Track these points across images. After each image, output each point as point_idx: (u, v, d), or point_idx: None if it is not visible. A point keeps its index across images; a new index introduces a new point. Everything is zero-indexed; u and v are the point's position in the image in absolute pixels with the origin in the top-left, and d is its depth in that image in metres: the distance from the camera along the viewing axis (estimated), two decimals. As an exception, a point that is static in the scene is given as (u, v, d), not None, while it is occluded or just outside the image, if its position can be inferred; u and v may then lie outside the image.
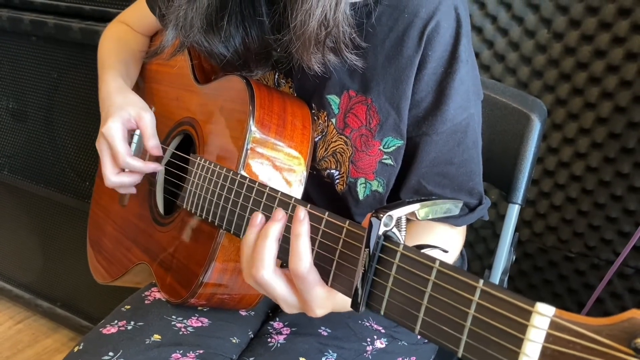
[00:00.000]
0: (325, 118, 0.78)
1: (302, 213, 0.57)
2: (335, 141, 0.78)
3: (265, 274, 0.58)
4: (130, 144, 0.89)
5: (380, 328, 0.86)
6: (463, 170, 0.77)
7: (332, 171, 0.79)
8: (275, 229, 0.59)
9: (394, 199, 0.79)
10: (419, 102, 0.73)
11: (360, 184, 0.78)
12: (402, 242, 0.51)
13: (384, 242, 0.50)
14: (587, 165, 1.24)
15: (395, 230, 0.51)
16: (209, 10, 0.70)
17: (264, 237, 0.59)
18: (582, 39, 1.18)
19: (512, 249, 0.98)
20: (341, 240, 0.55)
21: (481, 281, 0.43)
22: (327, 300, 0.57)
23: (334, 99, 0.77)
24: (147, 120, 0.86)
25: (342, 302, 0.58)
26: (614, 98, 1.17)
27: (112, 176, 0.85)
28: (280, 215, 0.59)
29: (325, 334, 0.82)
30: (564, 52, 1.20)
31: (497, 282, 0.96)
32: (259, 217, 0.61)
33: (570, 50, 1.20)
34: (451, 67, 0.71)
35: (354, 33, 0.69)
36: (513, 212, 0.96)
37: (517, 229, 0.98)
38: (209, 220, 0.74)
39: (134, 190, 0.91)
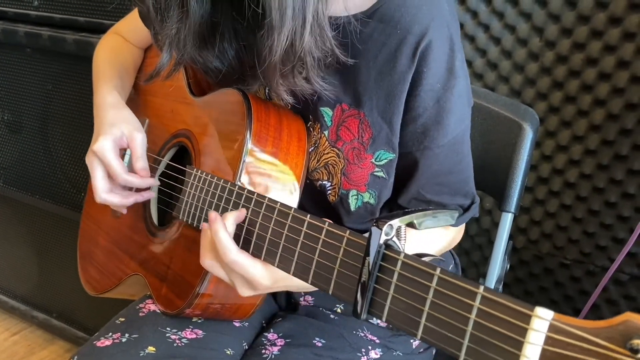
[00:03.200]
0: (319, 130, 0.79)
1: (212, 215, 0.66)
2: (327, 153, 0.79)
3: (233, 255, 0.65)
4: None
5: (375, 338, 0.86)
6: (460, 177, 0.80)
7: (324, 182, 0.80)
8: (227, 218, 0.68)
9: (390, 205, 0.80)
10: (416, 117, 0.74)
11: (352, 196, 0.78)
12: (402, 250, 0.52)
13: (385, 251, 0.52)
14: (580, 172, 1.24)
15: (395, 239, 0.53)
16: (201, 28, 0.70)
17: (214, 225, 0.67)
18: (574, 47, 1.18)
19: (506, 257, 0.98)
20: (342, 249, 0.56)
21: (481, 287, 0.44)
22: (267, 273, 0.66)
23: (327, 112, 0.78)
24: (139, 141, 0.86)
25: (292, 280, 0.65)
26: (607, 105, 1.18)
27: (103, 193, 0.85)
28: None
29: (320, 344, 0.82)
30: (556, 60, 1.21)
31: (491, 290, 0.96)
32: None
33: (563, 59, 1.20)
34: (449, 82, 0.72)
35: (331, 56, 0.70)
36: (506, 221, 0.96)
37: (512, 237, 0.98)
38: None
39: (124, 211, 0.91)
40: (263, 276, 0.66)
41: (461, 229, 0.86)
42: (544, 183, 1.29)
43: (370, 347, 0.84)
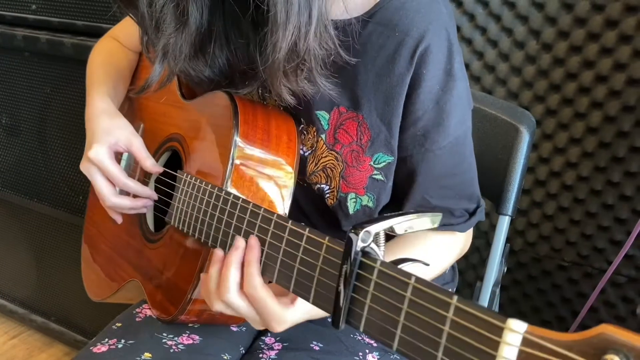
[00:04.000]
0: (315, 133, 0.79)
1: (250, 241, 0.63)
2: (325, 156, 0.79)
3: (230, 297, 0.63)
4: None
5: (373, 342, 0.86)
6: (464, 179, 0.79)
7: (322, 186, 0.80)
8: (235, 257, 0.63)
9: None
10: (416, 120, 0.74)
11: (351, 199, 0.78)
12: (380, 258, 0.51)
13: (362, 259, 0.50)
14: (578, 175, 1.24)
15: (373, 245, 0.51)
16: (198, 38, 0.69)
17: (227, 266, 0.63)
18: (571, 49, 1.19)
19: (503, 260, 0.98)
20: (321, 257, 0.55)
21: (455, 297, 0.43)
22: (283, 315, 0.63)
23: (323, 115, 0.78)
24: (137, 144, 0.85)
25: (303, 313, 0.64)
26: (604, 108, 1.18)
27: (112, 197, 0.84)
28: (240, 243, 0.64)
29: (317, 348, 0.82)
30: (553, 63, 1.21)
31: (488, 293, 0.96)
32: (219, 253, 0.66)
33: (560, 61, 1.20)
34: (448, 84, 0.72)
35: (334, 54, 0.69)
36: (503, 224, 0.96)
37: (510, 239, 0.98)
38: (196, 237, 0.74)
39: (119, 220, 0.90)
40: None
41: (469, 234, 0.85)
42: (542, 185, 1.29)
43: (367, 351, 0.84)
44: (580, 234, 1.28)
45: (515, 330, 0.39)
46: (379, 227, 0.52)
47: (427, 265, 0.52)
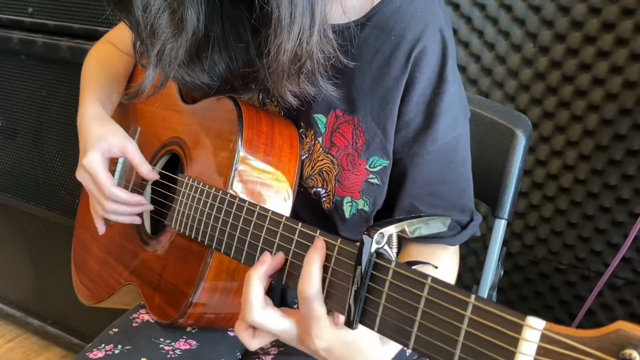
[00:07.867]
0: (312, 137, 0.79)
1: (319, 243, 0.56)
2: (321, 160, 0.79)
3: (255, 316, 0.57)
4: (112, 172, 0.88)
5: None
6: (454, 188, 0.78)
7: (318, 189, 0.80)
8: (259, 271, 0.58)
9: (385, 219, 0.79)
10: (408, 122, 0.74)
11: (347, 203, 0.78)
12: (394, 259, 0.52)
13: (376, 260, 0.51)
14: (575, 177, 1.25)
15: (386, 247, 0.52)
16: (195, 44, 0.69)
17: (246, 281, 0.58)
18: (568, 52, 1.19)
19: (499, 263, 0.98)
20: (333, 258, 0.55)
21: (473, 296, 0.44)
22: (328, 332, 0.56)
23: (320, 118, 0.78)
24: (132, 149, 0.85)
25: (344, 341, 0.56)
26: (600, 110, 1.18)
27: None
28: (266, 257, 0.59)
29: (314, 352, 0.81)
30: (550, 66, 1.21)
31: (485, 297, 0.96)
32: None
33: (556, 64, 1.21)
34: (439, 87, 0.72)
35: (334, 57, 0.69)
36: (500, 227, 0.96)
37: (507, 242, 0.98)
38: (199, 240, 0.74)
39: (102, 230, 0.90)
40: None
41: (456, 251, 0.81)
42: (539, 188, 1.29)
43: (364, 355, 0.84)
44: (578, 237, 1.28)
45: (534, 327, 0.40)
46: (393, 229, 0.53)
47: (436, 267, 0.52)
